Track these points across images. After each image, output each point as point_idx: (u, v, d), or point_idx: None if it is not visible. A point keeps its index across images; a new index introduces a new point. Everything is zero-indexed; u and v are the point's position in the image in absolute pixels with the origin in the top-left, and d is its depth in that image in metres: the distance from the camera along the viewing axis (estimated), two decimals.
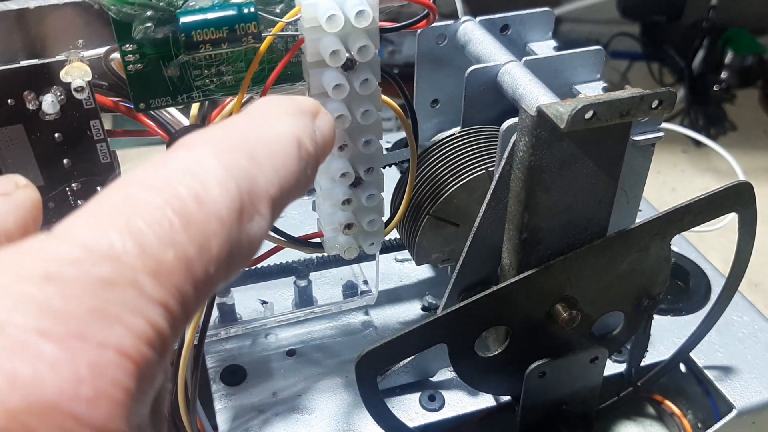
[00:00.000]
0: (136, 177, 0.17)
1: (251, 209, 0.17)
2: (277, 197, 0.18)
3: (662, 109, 0.29)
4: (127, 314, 0.14)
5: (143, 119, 0.35)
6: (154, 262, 0.15)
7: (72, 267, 0.14)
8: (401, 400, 0.41)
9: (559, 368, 0.37)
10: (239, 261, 0.17)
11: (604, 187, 0.32)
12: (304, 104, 0.22)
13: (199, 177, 0.17)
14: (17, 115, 0.33)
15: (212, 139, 0.18)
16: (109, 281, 0.14)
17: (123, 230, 0.15)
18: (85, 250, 0.15)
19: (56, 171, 0.36)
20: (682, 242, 0.53)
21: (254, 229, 0.17)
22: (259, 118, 0.20)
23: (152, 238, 0.15)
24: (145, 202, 0.16)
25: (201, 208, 0.16)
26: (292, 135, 0.20)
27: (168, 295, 0.15)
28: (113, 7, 0.29)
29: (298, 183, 0.20)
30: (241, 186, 0.17)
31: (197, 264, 0.16)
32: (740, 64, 1.04)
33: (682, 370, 0.44)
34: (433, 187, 0.39)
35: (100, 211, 0.16)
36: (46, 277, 0.14)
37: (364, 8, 0.29)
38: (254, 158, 0.18)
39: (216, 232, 0.16)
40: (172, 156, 0.17)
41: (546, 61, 0.37)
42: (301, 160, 0.20)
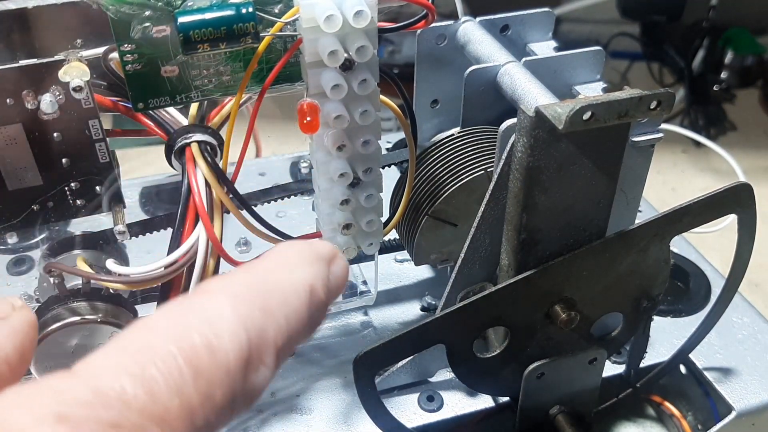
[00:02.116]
0: (157, 321, 0.18)
1: (257, 360, 0.19)
2: (284, 346, 0.20)
3: (661, 110, 0.29)
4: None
5: (142, 119, 0.35)
6: (161, 410, 0.16)
7: (84, 409, 0.15)
8: (400, 400, 0.41)
9: (558, 369, 0.37)
10: (239, 408, 0.19)
11: (603, 188, 0.32)
12: (322, 250, 0.23)
13: (214, 327, 0.18)
14: (16, 114, 0.33)
15: (231, 288, 0.20)
16: (116, 425, 0.15)
17: (135, 376, 0.16)
18: (97, 394, 0.16)
19: (55, 170, 0.36)
20: (681, 243, 0.53)
21: (258, 378, 0.19)
22: (277, 266, 0.22)
23: (162, 387, 0.16)
24: (161, 349, 0.17)
25: (211, 358, 0.17)
26: (306, 283, 0.21)
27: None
28: (112, 7, 0.29)
29: (306, 329, 0.21)
30: (251, 337, 0.18)
31: (199, 412, 0.17)
32: (740, 64, 1.04)
33: (681, 372, 0.44)
34: (432, 187, 0.39)
35: (118, 354, 0.17)
36: (59, 417, 0.15)
37: (363, 8, 0.29)
38: (267, 309, 0.19)
39: (222, 382, 0.17)
40: (194, 301, 0.19)
41: (545, 61, 0.37)
42: (311, 307, 0.21)
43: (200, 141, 0.35)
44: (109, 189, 0.37)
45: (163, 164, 0.36)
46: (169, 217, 0.39)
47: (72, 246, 0.40)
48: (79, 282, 0.37)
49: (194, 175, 0.34)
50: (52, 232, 0.43)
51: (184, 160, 0.34)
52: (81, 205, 0.37)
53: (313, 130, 0.32)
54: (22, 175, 0.35)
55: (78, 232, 0.42)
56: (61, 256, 0.39)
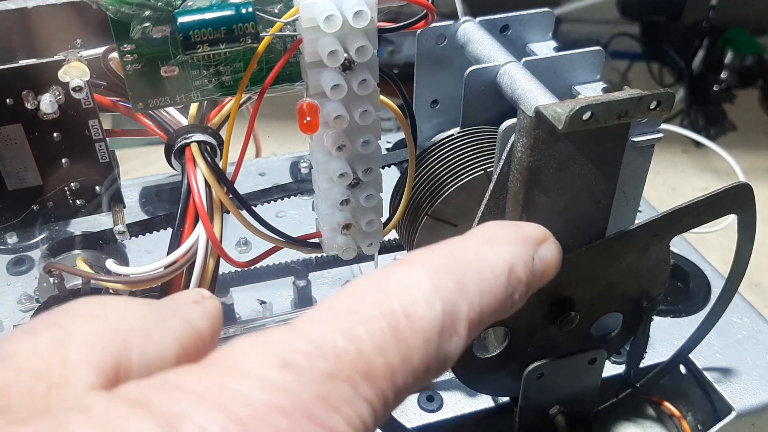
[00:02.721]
0: (362, 286, 0.20)
1: (451, 330, 0.20)
2: (477, 320, 0.21)
3: (661, 111, 0.29)
4: (344, 405, 0.17)
5: (142, 119, 0.35)
6: (367, 365, 0.18)
7: (304, 358, 0.17)
8: None
9: (558, 369, 0.37)
10: (432, 374, 0.20)
11: (602, 189, 0.32)
12: (528, 231, 0.24)
13: (412, 295, 0.19)
14: (16, 114, 0.33)
15: (429, 261, 0.21)
16: (331, 374, 0.17)
17: (346, 333, 0.18)
18: (315, 346, 0.17)
19: (55, 170, 0.36)
20: (682, 243, 0.53)
21: (451, 347, 0.20)
22: (477, 243, 0.23)
23: (368, 345, 0.18)
24: (366, 311, 0.19)
25: (409, 324, 0.19)
26: (504, 262, 0.22)
27: (374, 395, 0.18)
28: (111, 7, 0.29)
29: (502, 307, 0.22)
30: (445, 308, 0.20)
31: (400, 373, 0.18)
32: (740, 64, 1.04)
33: (681, 372, 0.44)
34: (431, 187, 0.39)
35: (330, 313, 0.19)
36: (284, 363, 0.17)
37: (363, 8, 0.29)
38: (462, 283, 0.20)
39: (419, 347, 0.19)
40: (394, 270, 0.20)
41: (545, 61, 0.37)
42: (509, 287, 0.22)
43: (200, 141, 0.35)
44: (108, 189, 0.37)
45: (162, 164, 0.36)
46: (169, 217, 0.39)
47: (72, 246, 0.40)
48: (79, 282, 0.37)
49: (194, 175, 0.34)
50: (52, 232, 0.43)
51: (184, 160, 0.34)
52: (81, 205, 0.37)
53: (313, 130, 0.32)
54: (22, 175, 0.35)
55: (78, 232, 0.42)
56: (61, 256, 0.39)
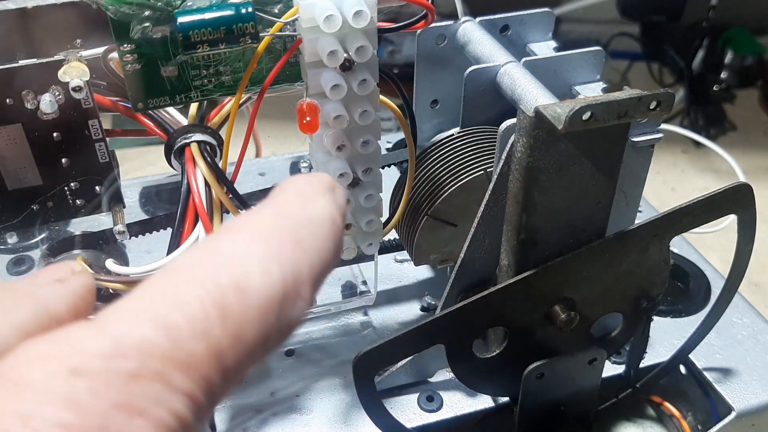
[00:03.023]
0: (182, 265, 0.17)
1: (294, 294, 0.18)
2: (319, 277, 0.19)
3: (660, 111, 0.29)
4: (151, 406, 0.15)
5: (142, 119, 0.35)
6: (185, 356, 0.15)
7: (100, 361, 0.15)
8: (399, 400, 0.41)
9: (558, 369, 0.37)
10: (275, 344, 0.18)
11: (602, 189, 0.32)
12: (327, 180, 0.22)
13: (243, 264, 0.17)
14: (16, 114, 0.33)
15: (259, 223, 0.18)
16: (135, 375, 0.15)
17: (158, 323, 0.15)
18: (115, 344, 0.15)
19: (55, 170, 0.36)
20: (681, 243, 0.52)
21: (295, 312, 0.18)
22: (298, 199, 0.21)
23: (186, 332, 0.15)
24: (185, 292, 0.16)
25: (241, 299, 0.16)
26: (329, 214, 0.20)
27: (194, 385, 0.15)
28: (111, 7, 0.29)
29: (335, 259, 0.20)
30: (284, 273, 0.17)
31: (229, 355, 0.16)
32: (740, 64, 1.04)
33: (681, 372, 0.44)
34: (431, 187, 0.39)
35: (140, 301, 0.16)
36: (75, 371, 0.14)
37: (362, 8, 0.29)
38: (299, 242, 0.18)
39: (253, 320, 0.16)
40: (220, 238, 0.18)
41: (545, 61, 0.37)
42: (335, 237, 0.20)
43: (200, 141, 0.35)
44: (108, 189, 0.37)
45: (162, 164, 0.36)
46: (169, 217, 0.39)
47: (72, 246, 0.40)
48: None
49: (194, 175, 0.34)
50: (51, 231, 0.43)
51: (184, 160, 0.34)
52: (81, 205, 0.37)
53: (313, 130, 0.32)
54: (22, 175, 0.35)
55: (78, 232, 0.42)
56: (61, 256, 0.39)
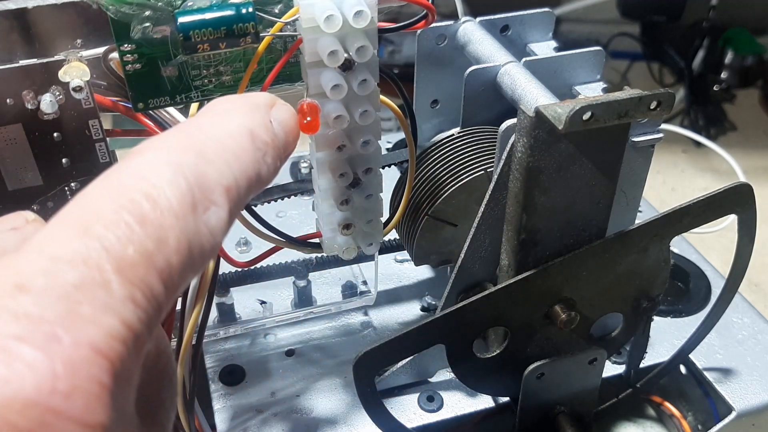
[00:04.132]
0: (93, 187, 0.18)
1: (205, 200, 0.19)
2: (233, 186, 0.20)
3: (661, 111, 0.29)
4: (99, 313, 0.15)
5: (142, 119, 0.35)
6: (117, 260, 0.16)
7: (42, 276, 0.16)
8: (399, 400, 0.41)
9: (558, 369, 0.37)
10: (202, 252, 0.19)
11: (602, 189, 0.32)
12: (258, 98, 0.23)
13: (150, 179, 0.18)
14: (16, 114, 0.33)
15: (163, 144, 0.20)
16: (77, 284, 0.16)
17: (84, 237, 0.16)
18: (52, 259, 0.16)
19: (55, 170, 0.36)
20: (682, 243, 0.53)
21: (212, 218, 0.19)
22: (211, 118, 0.22)
23: (113, 240, 0.17)
24: (102, 209, 0.17)
25: (154, 206, 0.18)
26: (245, 128, 0.21)
27: (135, 289, 0.16)
28: (111, 7, 0.29)
29: (258, 172, 0.21)
30: (190, 181, 0.19)
31: (158, 256, 0.17)
32: (740, 64, 1.04)
33: (681, 372, 0.44)
34: (432, 187, 0.39)
35: (63, 222, 0.17)
36: (20, 287, 0.15)
37: (363, 8, 0.29)
38: (203, 154, 0.20)
39: (171, 225, 0.18)
40: (126, 163, 0.19)
41: (545, 61, 0.37)
42: (257, 151, 0.21)
43: None
44: None
45: None
46: None
47: None
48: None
49: None
50: None
51: None
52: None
53: (313, 131, 0.32)
54: (22, 175, 0.35)
55: None
56: None
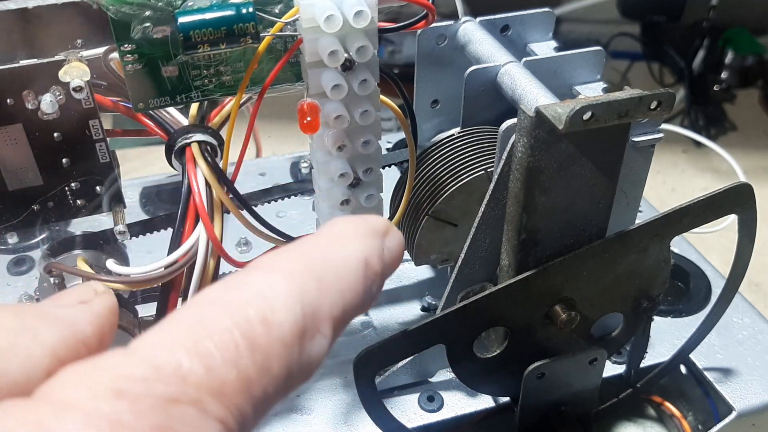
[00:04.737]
0: (213, 296, 0.18)
1: (313, 330, 0.19)
2: (341, 317, 0.20)
3: (661, 111, 0.29)
4: (188, 430, 0.16)
5: (142, 119, 0.35)
6: (218, 383, 0.16)
7: (141, 385, 0.16)
8: (400, 400, 0.41)
9: (558, 369, 0.37)
10: (298, 379, 0.19)
11: (603, 189, 0.32)
12: (376, 224, 0.23)
13: (268, 301, 0.18)
14: (16, 114, 0.33)
15: (285, 263, 0.20)
16: (173, 399, 0.16)
17: (192, 351, 0.16)
18: (154, 369, 0.16)
19: (55, 170, 0.36)
20: (682, 243, 0.53)
21: (315, 348, 0.19)
22: (331, 240, 0.22)
23: (218, 361, 0.17)
24: (216, 324, 0.17)
25: (267, 332, 0.18)
26: (361, 257, 0.22)
27: (227, 413, 0.16)
28: (112, 7, 0.29)
29: (363, 301, 0.21)
30: (306, 310, 0.19)
31: (257, 385, 0.17)
32: (740, 64, 1.04)
33: (682, 372, 0.44)
34: (432, 187, 0.39)
35: (174, 330, 0.17)
36: (118, 393, 0.15)
37: (363, 8, 0.29)
38: (321, 282, 0.20)
39: (278, 354, 0.18)
40: (247, 276, 0.19)
41: (545, 61, 0.37)
42: (366, 280, 0.21)
43: (200, 141, 0.35)
44: (109, 189, 0.37)
45: (163, 164, 0.36)
46: (169, 217, 0.39)
47: (72, 246, 0.40)
48: (80, 282, 0.37)
49: (194, 175, 0.34)
50: (52, 232, 0.43)
51: (185, 160, 0.34)
52: (81, 205, 0.37)
53: (314, 131, 0.32)
54: (23, 175, 0.35)
55: (78, 232, 0.42)
56: (62, 256, 0.39)
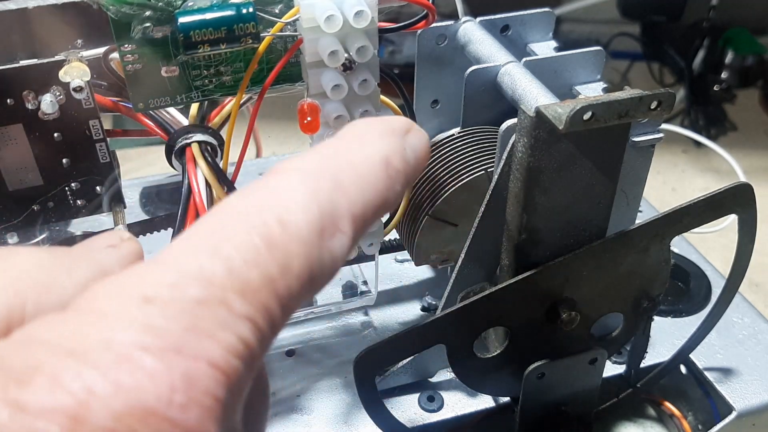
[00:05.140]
0: (232, 202, 0.19)
1: (332, 228, 0.19)
2: (361, 214, 0.20)
3: (661, 111, 0.29)
4: (219, 330, 0.16)
5: (142, 119, 0.35)
6: (241, 282, 0.17)
7: (168, 289, 0.16)
8: (400, 400, 0.41)
9: (558, 369, 0.37)
10: (322, 276, 0.19)
11: (603, 189, 0.32)
12: (395, 123, 0.24)
13: (284, 202, 0.19)
14: (17, 114, 0.33)
15: (301, 166, 0.20)
16: (201, 300, 0.16)
17: (213, 255, 0.17)
18: (179, 274, 0.17)
19: (55, 170, 0.36)
20: (682, 243, 0.53)
21: (336, 246, 0.19)
22: (349, 142, 0.22)
23: (239, 261, 0.17)
24: (233, 228, 0.18)
25: (284, 231, 0.18)
26: (380, 156, 0.22)
27: (255, 311, 0.17)
28: (112, 7, 0.29)
29: (386, 200, 0.22)
30: (322, 208, 0.19)
31: (280, 282, 0.18)
32: (740, 64, 1.04)
33: (682, 372, 0.44)
34: (432, 187, 0.39)
35: (193, 238, 0.18)
36: (146, 299, 0.16)
37: (363, 9, 0.29)
38: (338, 181, 0.20)
39: (298, 252, 0.18)
40: (264, 181, 0.20)
41: (545, 61, 0.37)
42: (388, 179, 0.22)
43: (200, 141, 0.35)
44: (109, 189, 0.37)
45: (163, 164, 0.36)
46: (170, 217, 0.39)
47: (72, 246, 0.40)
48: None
49: (194, 175, 0.34)
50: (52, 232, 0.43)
51: (185, 161, 0.34)
52: (81, 205, 0.37)
53: (314, 131, 0.32)
54: (23, 176, 0.35)
55: (78, 232, 0.42)
56: None
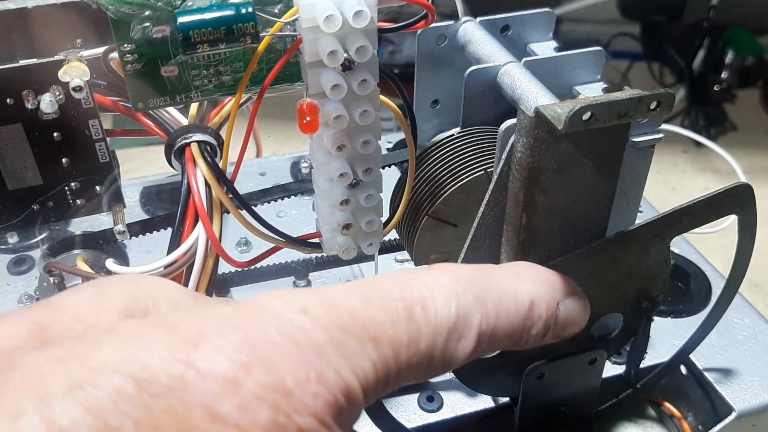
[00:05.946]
0: (389, 275, 0.22)
1: (461, 331, 0.22)
2: (489, 334, 0.23)
3: (661, 111, 0.29)
4: (351, 355, 0.19)
5: (142, 119, 0.35)
6: (377, 332, 0.20)
7: (322, 310, 0.20)
8: (399, 400, 0.41)
9: (558, 370, 0.37)
10: (435, 369, 0.22)
11: (603, 189, 0.32)
12: (558, 279, 0.26)
13: (432, 292, 0.22)
14: (16, 114, 0.33)
15: (456, 272, 0.23)
16: (343, 328, 0.19)
17: (365, 301, 0.20)
18: (333, 304, 0.20)
19: (55, 170, 0.36)
20: (682, 243, 0.53)
21: (457, 348, 0.22)
22: (505, 274, 0.25)
23: (382, 315, 0.20)
24: (387, 291, 0.21)
25: (423, 313, 0.21)
26: (527, 295, 0.24)
27: (378, 358, 0.20)
28: (111, 7, 0.29)
29: (517, 335, 0.24)
30: (460, 311, 0.22)
31: (405, 350, 0.20)
32: (740, 64, 1.04)
33: (682, 372, 0.44)
34: (432, 187, 0.39)
35: (356, 283, 0.21)
36: (303, 310, 0.19)
37: (362, 8, 0.29)
38: (480, 297, 0.23)
39: (427, 334, 0.21)
40: (421, 271, 0.23)
41: (545, 61, 0.37)
42: (527, 319, 0.24)
43: (200, 141, 0.35)
44: (109, 189, 0.37)
45: (163, 164, 0.36)
46: (169, 216, 0.39)
47: (72, 246, 0.40)
48: (79, 282, 0.37)
49: (194, 175, 0.34)
50: (52, 231, 0.43)
51: (184, 160, 0.34)
52: (81, 204, 0.37)
53: (313, 131, 0.32)
54: (23, 175, 0.35)
55: (78, 231, 0.42)
56: (61, 256, 0.39)
